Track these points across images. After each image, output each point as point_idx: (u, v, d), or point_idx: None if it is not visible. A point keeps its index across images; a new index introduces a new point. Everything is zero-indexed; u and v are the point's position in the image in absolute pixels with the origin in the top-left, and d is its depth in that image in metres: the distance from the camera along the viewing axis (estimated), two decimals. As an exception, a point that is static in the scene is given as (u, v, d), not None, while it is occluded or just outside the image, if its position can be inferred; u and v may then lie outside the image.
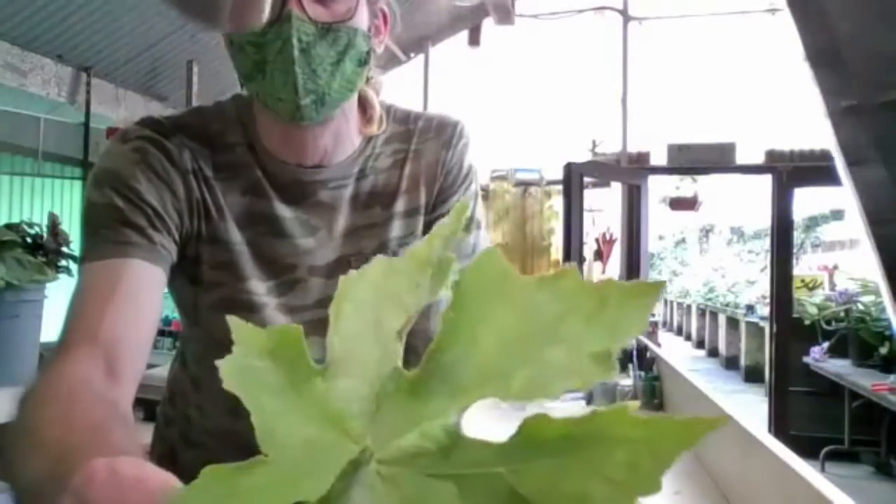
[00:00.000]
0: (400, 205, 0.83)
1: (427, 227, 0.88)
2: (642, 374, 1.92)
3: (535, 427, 0.23)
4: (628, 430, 0.21)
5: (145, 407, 1.75)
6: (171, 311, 2.57)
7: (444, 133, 0.85)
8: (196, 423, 0.86)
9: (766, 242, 5.50)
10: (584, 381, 0.23)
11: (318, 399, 0.25)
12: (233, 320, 0.25)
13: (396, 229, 0.82)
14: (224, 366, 0.25)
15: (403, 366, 0.27)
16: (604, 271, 4.91)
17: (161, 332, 2.63)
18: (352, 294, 0.27)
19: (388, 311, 0.27)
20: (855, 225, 1.15)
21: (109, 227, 0.69)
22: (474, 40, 5.24)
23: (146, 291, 0.69)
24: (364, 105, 0.83)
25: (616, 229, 4.92)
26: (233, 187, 0.78)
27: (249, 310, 0.76)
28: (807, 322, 4.56)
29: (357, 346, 0.26)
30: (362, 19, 0.74)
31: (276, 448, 0.24)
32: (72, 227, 2.03)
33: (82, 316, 0.65)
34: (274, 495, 0.22)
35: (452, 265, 0.27)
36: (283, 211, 0.79)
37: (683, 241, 16.71)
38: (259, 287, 0.78)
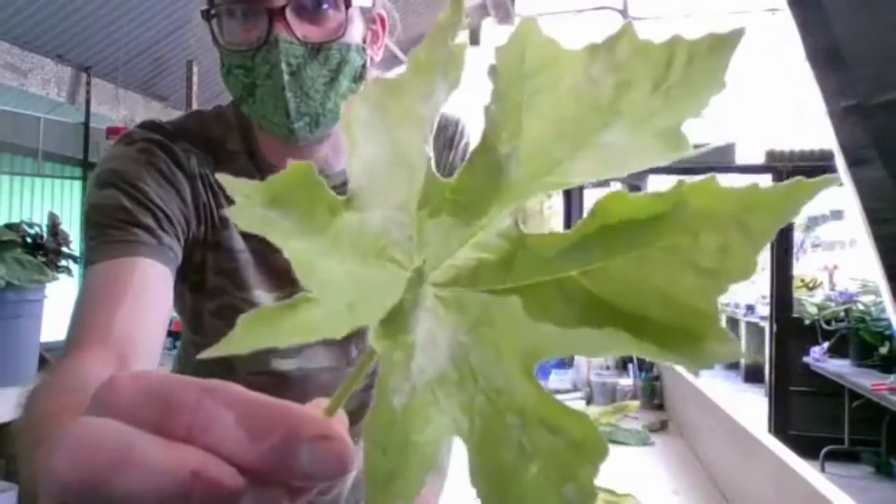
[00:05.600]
0: None
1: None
2: (642, 374, 1.92)
3: (611, 209, 0.20)
4: (718, 206, 0.19)
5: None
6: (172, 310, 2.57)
7: (446, 133, 0.85)
8: None
9: (766, 242, 5.50)
10: (650, 161, 0.20)
11: (351, 234, 0.21)
12: (224, 178, 0.21)
13: None
14: (234, 214, 0.21)
15: None
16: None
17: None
18: (357, 118, 0.22)
19: (403, 128, 0.23)
20: (855, 225, 1.15)
21: (117, 227, 0.67)
22: (474, 40, 5.23)
23: (156, 290, 0.67)
24: None
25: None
26: None
27: None
28: (807, 322, 4.56)
29: (381, 169, 0.22)
30: (355, 32, 0.72)
31: (318, 285, 0.20)
32: (72, 227, 2.03)
33: (92, 315, 0.63)
34: (330, 326, 0.19)
35: (464, 51, 0.23)
36: None
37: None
38: (263, 298, 0.77)
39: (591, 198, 4.92)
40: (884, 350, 3.99)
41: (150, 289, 0.67)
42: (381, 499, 0.19)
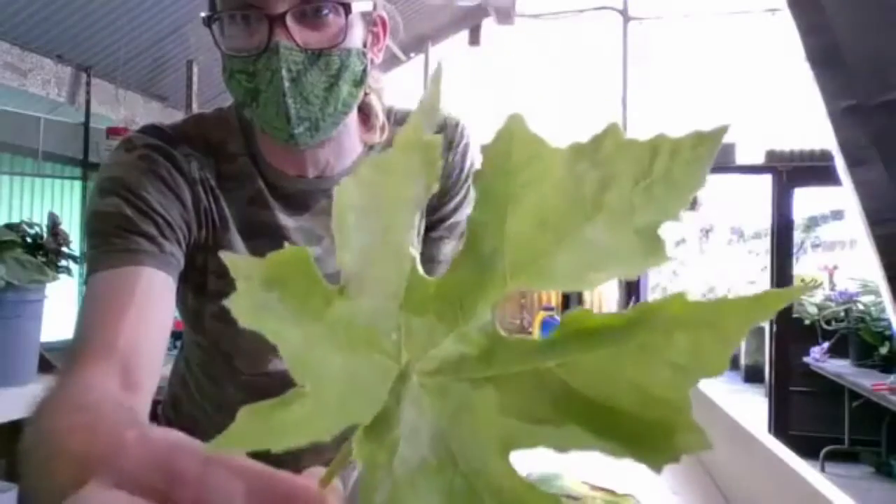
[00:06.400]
0: None
1: (429, 230, 0.87)
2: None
3: (581, 319, 0.21)
4: (689, 314, 0.20)
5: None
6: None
7: (446, 134, 0.85)
8: (202, 422, 0.86)
9: (766, 242, 5.50)
10: (629, 269, 0.21)
11: (343, 322, 0.23)
12: (227, 256, 0.22)
13: None
14: (234, 304, 0.22)
15: None
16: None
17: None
18: (349, 203, 0.23)
19: (393, 213, 0.24)
20: (855, 225, 1.15)
21: (119, 236, 0.68)
22: (474, 40, 5.24)
23: (159, 300, 0.68)
24: (366, 112, 0.83)
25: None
26: (236, 197, 0.78)
27: None
28: (807, 322, 4.56)
29: (371, 259, 0.23)
30: (356, 37, 0.73)
31: (311, 378, 0.22)
32: (72, 228, 2.03)
33: (96, 326, 0.63)
34: (322, 424, 0.21)
35: (438, 146, 0.23)
36: (286, 221, 0.78)
37: (683, 241, 16.72)
38: None
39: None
40: (884, 350, 3.99)
41: (153, 298, 0.67)
42: None
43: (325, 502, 0.22)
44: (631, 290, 4.42)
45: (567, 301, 3.72)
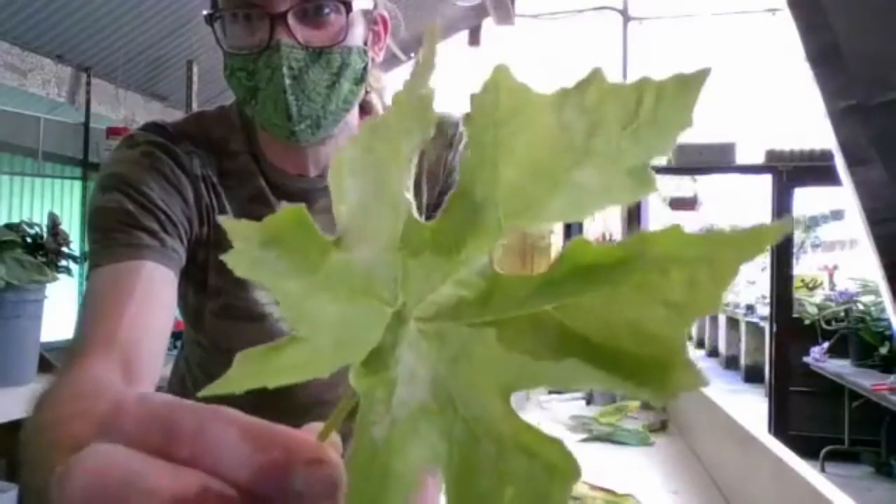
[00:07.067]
0: None
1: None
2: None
3: (578, 254, 0.21)
4: (683, 250, 0.20)
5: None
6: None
7: (446, 133, 0.85)
8: None
9: (766, 242, 5.51)
10: (621, 199, 0.21)
11: (340, 273, 0.23)
12: (225, 219, 0.23)
13: None
14: (231, 259, 0.23)
15: None
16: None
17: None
18: (346, 160, 0.24)
19: (389, 168, 0.24)
20: (855, 225, 1.15)
21: (121, 231, 0.68)
22: (474, 40, 5.24)
23: (161, 293, 0.68)
24: (367, 110, 0.83)
25: (616, 229, 4.92)
26: (237, 195, 0.78)
27: (252, 318, 0.76)
28: (807, 322, 4.56)
29: (367, 211, 0.24)
30: (357, 35, 0.73)
31: (307, 324, 0.22)
32: (72, 227, 2.03)
33: (98, 320, 0.63)
34: (316, 364, 0.21)
35: (431, 100, 0.23)
36: None
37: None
38: (264, 297, 0.77)
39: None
40: (884, 350, 3.99)
41: (155, 292, 0.67)
42: None
43: (323, 454, 0.22)
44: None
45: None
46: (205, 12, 0.73)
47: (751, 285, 7.83)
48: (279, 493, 0.21)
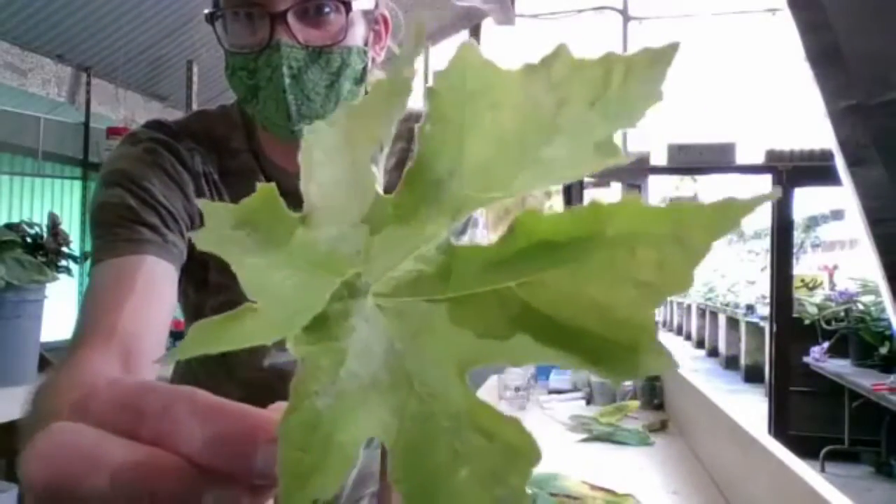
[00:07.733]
0: None
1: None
2: (642, 374, 1.91)
3: (530, 226, 0.21)
4: (650, 226, 0.19)
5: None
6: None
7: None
8: None
9: (766, 242, 5.51)
10: (588, 171, 0.21)
11: (304, 249, 0.23)
12: (203, 202, 0.23)
13: None
14: (199, 237, 0.23)
15: None
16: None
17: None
18: (317, 140, 0.23)
19: (360, 149, 0.24)
20: (855, 225, 1.15)
21: (123, 226, 0.69)
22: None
23: (161, 287, 0.69)
24: None
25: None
26: (238, 193, 0.78)
27: None
28: (807, 322, 4.56)
29: (335, 190, 0.23)
30: (357, 35, 0.73)
31: (265, 297, 0.22)
32: (72, 227, 2.03)
33: (98, 313, 0.64)
34: (266, 333, 0.21)
35: (409, 82, 0.23)
36: None
37: (683, 241, 16.68)
38: None
39: (590, 197, 4.93)
40: (884, 350, 3.99)
41: (156, 286, 0.68)
42: (297, 495, 0.19)
43: None
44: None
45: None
46: (206, 11, 0.73)
47: (751, 285, 7.83)
48: (242, 471, 0.21)
